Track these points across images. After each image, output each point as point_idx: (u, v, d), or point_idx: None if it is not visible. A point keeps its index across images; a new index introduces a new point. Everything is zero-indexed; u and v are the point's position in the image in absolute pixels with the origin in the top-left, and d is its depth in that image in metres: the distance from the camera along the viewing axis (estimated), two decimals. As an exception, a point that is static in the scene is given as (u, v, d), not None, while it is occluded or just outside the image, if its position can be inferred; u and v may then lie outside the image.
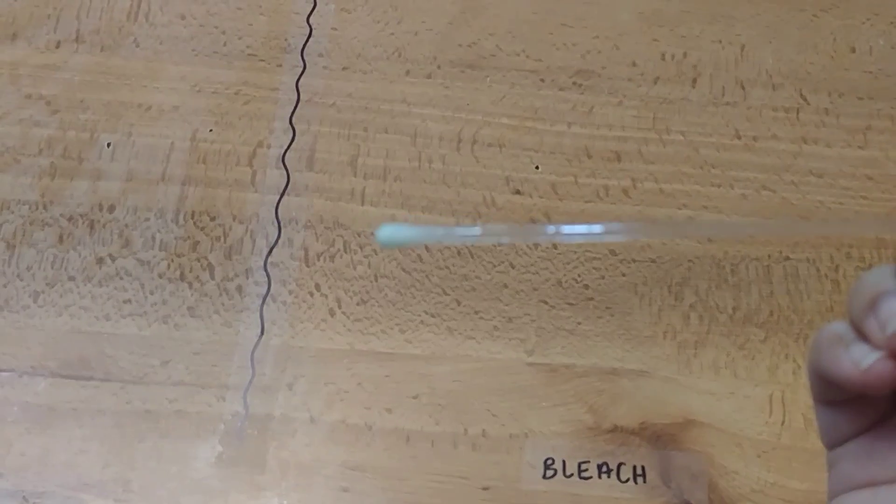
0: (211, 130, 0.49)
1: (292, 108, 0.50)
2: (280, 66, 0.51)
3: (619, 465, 0.42)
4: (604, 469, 0.42)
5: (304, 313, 0.45)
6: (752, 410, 0.43)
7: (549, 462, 0.42)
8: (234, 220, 0.47)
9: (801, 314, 0.46)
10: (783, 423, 0.43)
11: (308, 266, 0.46)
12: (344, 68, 0.51)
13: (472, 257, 0.47)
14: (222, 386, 0.43)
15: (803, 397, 0.44)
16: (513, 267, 0.46)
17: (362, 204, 0.48)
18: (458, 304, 0.45)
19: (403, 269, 0.46)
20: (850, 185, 0.49)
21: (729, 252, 0.47)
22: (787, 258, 0.47)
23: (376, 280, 0.46)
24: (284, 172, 0.48)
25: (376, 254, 0.46)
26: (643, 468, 0.42)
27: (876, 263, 0.47)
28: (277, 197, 0.47)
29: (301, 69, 0.51)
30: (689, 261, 0.47)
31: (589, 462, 0.42)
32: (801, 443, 0.43)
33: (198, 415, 0.42)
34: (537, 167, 0.49)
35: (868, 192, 0.49)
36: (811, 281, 0.47)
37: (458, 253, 0.47)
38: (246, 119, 0.50)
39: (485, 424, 0.43)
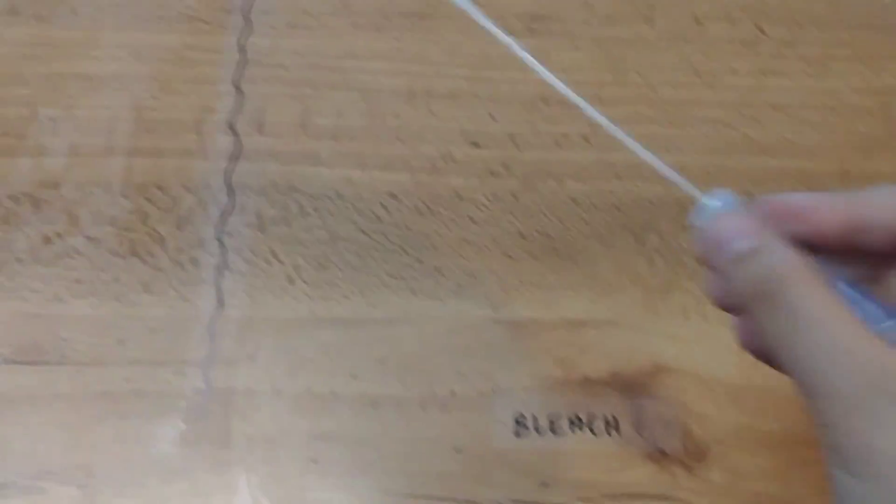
0: (155, 98, 0.47)
1: (238, 70, 0.48)
2: (223, 27, 0.49)
3: (591, 417, 0.41)
4: (575, 422, 0.41)
5: (261, 282, 0.43)
6: (722, 353, 0.43)
7: (520, 418, 0.41)
8: (183, 189, 0.45)
9: (768, 253, 0.45)
10: (755, 363, 0.43)
11: (263, 233, 0.44)
12: (290, 25, 0.49)
13: (432, 214, 0.45)
14: (182, 362, 0.41)
15: (773, 336, 0.43)
16: (473, 222, 0.45)
17: (316, 166, 0.46)
18: (420, 263, 0.44)
19: (362, 231, 0.45)
20: (812, 117, 0.48)
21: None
22: (751, 194, 0.46)
23: (334, 244, 0.44)
24: (233, 138, 0.46)
25: (333, 216, 0.45)
26: (615, 419, 0.41)
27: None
28: (227, 164, 0.46)
29: (245, 29, 0.49)
30: (652, 204, 0.46)
31: (560, 416, 0.41)
32: (773, 382, 0.42)
33: (158, 393, 0.41)
34: (494, 117, 0.47)
35: (831, 122, 0.48)
36: (777, 218, 0.46)
37: (417, 210, 0.45)
38: (190, 84, 0.48)
39: (453, 384, 0.42)
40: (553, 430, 0.41)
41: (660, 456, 0.41)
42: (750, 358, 0.43)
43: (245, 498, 0.39)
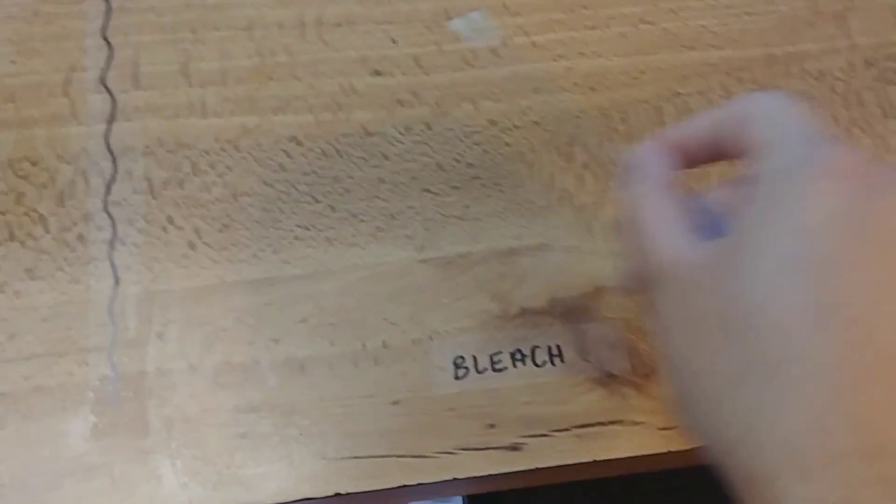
0: (13, 62, 0.42)
1: (103, 20, 0.43)
2: (79, -28, 0.44)
3: (533, 348, 0.39)
4: (517, 356, 0.39)
5: (160, 252, 0.39)
6: (662, 264, 0.41)
7: (459, 361, 0.39)
8: (59, 160, 0.40)
9: (699, 153, 0.43)
10: (696, 271, 0.41)
11: (155, 198, 0.40)
12: (155, -37, 0.44)
13: (340, 155, 0.42)
14: (82, 350, 0.38)
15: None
16: (386, 158, 0.42)
17: (204, 117, 0.42)
18: (333, 210, 0.41)
19: (265, 182, 0.41)
20: (732, 3, 0.45)
21: (615, 98, 0.43)
22: (678, 94, 0.44)
23: (236, 200, 0.40)
24: (108, 96, 0.42)
25: (231, 171, 0.41)
26: (558, 347, 0.39)
27: (769, 84, 0.44)
28: (105, 126, 0.41)
29: (104, -28, 0.44)
30: (576, 116, 0.43)
31: (501, 352, 0.39)
32: (716, 288, 0.40)
33: (61, 387, 0.37)
34: (394, 41, 0.43)
35: (752, 6, 0.45)
36: (705, 115, 0.43)
37: (324, 153, 0.42)
38: (52, 42, 0.43)
39: (384, 335, 0.39)
40: (495, 369, 0.39)
41: (608, 379, 0.39)
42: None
43: (172, 485, 0.36)
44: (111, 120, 0.41)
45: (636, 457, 0.38)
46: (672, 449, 0.38)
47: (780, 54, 0.45)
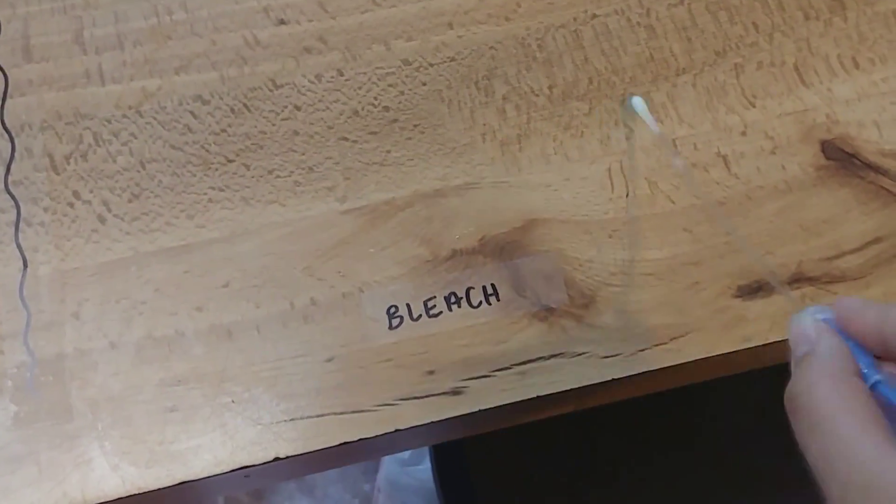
0: None
1: (-15, -8, 0.41)
2: (-45, -56, 0.41)
3: (468, 290, 0.38)
4: (452, 300, 0.38)
5: (68, 229, 0.38)
6: (592, 191, 0.40)
7: (393, 310, 0.37)
8: (-47, 145, 0.38)
9: (620, 73, 0.41)
10: (627, 195, 0.40)
11: (58, 174, 0.38)
12: (35, -72, 0.42)
13: (250, 110, 0.40)
14: (-4, 339, 0.36)
15: (642, 161, 0.40)
16: (298, 109, 0.40)
17: (103, 84, 0.40)
18: (248, 168, 0.39)
19: (172, 146, 0.39)
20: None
21: (531, 26, 0.42)
22: (595, 16, 0.42)
23: (144, 168, 0.39)
24: (-2, 72, 0.39)
25: (136, 138, 0.39)
26: (493, 286, 0.38)
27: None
28: (-2, 103, 0.39)
29: (-18, -58, 0.41)
30: (491, 48, 0.41)
31: (435, 297, 0.38)
32: (649, 210, 0.39)
33: (-23, 379, 0.35)
34: (297, -13, 0.42)
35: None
36: (624, 34, 0.42)
37: (232, 110, 0.40)
38: (-66, 21, 0.40)
39: (312, 292, 0.37)
40: (430, 315, 0.37)
41: (546, 313, 0.38)
42: (620, 189, 0.40)
43: (103, 468, 0.34)
44: (4, 97, 0.39)
45: (581, 388, 0.37)
46: (616, 377, 0.37)
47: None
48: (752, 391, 0.54)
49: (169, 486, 0.34)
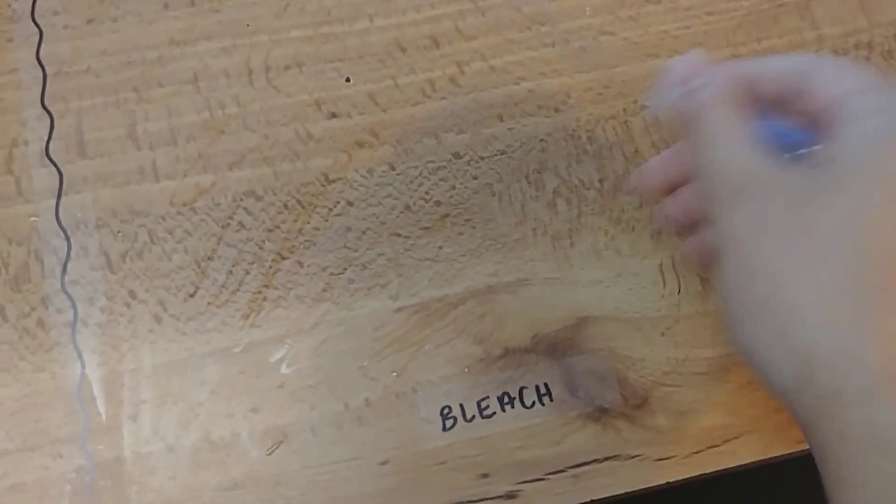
0: (-48, 140, 0.40)
1: (41, 87, 0.41)
2: (10, 40, 0.42)
3: (521, 389, 0.38)
4: (505, 400, 0.38)
5: (125, 329, 0.38)
6: (644, 287, 0.39)
7: (446, 411, 0.38)
8: (10, 243, 0.39)
9: (672, 168, 0.41)
10: (679, 291, 0.40)
11: (114, 273, 0.39)
12: (89, 21, 0.42)
13: (303, 206, 0.40)
14: (55, 441, 0.36)
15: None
16: (351, 204, 0.40)
17: (157, 180, 0.40)
18: (301, 265, 0.39)
19: (227, 244, 0.39)
20: (693, 4, 0.44)
21: (581, 117, 0.42)
22: (644, 106, 0.42)
23: (199, 266, 0.39)
24: (53, 169, 0.40)
25: (190, 235, 0.39)
26: (546, 386, 0.38)
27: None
28: (54, 201, 0.39)
29: (38, 37, 0.41)
30: (541, 140, 0.41)
31: (488, 398, 0.38)
32: (702, 307, 0.39)
33: (37, 483, 0.36)
34: (348, 79, 0.42)
35: (713, 5, 0.44)
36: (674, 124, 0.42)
37: (285, 206, 0.40)
38: (-10, 114, 0.41)
39: (366, 392, 0.38)
40: (483, 415, 0.38)
41: (599, 413, 0.38)
42: (672, 286, 0.40)
43: (162, 576, 0.35)
44: (59, 194, 0.39)
45: (635, 492, 0.37)
46: (671, 480, 0.37)
47: (747, 52, 0.43)
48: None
49: None
